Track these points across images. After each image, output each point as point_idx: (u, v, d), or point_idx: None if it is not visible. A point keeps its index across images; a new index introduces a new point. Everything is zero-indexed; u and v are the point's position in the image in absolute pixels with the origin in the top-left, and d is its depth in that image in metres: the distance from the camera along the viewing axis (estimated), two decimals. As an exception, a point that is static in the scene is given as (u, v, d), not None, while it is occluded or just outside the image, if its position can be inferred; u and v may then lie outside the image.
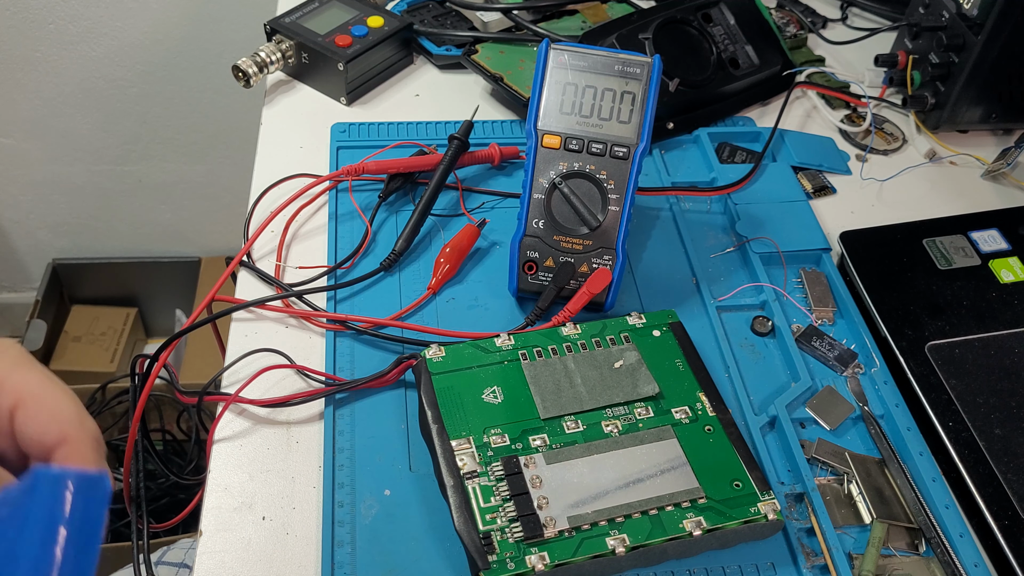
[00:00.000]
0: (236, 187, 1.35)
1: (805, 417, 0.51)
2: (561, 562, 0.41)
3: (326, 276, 0.57)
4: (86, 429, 0.30)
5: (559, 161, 0.53)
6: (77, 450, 0.30)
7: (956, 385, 0.52)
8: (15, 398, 0.30)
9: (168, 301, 1.46)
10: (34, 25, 1.12)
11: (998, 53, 0.67)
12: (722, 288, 0.58)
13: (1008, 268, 0.59)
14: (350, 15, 0.72)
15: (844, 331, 0.56)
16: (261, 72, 0.69)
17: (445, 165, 0.61)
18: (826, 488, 0.48)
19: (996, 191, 0.69)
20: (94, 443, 0.30)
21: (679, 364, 0.50)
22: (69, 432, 0.30)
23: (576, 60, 0.53)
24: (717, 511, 0.43)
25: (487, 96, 0.73)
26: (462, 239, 0.58)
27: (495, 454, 0.45)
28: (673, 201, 0.64)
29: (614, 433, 0.46)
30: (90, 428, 0.31)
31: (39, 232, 1.39)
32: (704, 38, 0.71)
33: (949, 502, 0.47)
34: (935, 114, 0.71)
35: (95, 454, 0.30)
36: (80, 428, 0.30)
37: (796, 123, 0.73)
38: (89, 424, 0.31)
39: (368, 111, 0.71)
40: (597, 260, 0.53)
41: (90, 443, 0.30)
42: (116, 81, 1.20)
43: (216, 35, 1.16)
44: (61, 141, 1.26)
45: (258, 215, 0.61)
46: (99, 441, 0.31)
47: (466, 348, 0.50)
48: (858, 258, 0.59)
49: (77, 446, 0.30)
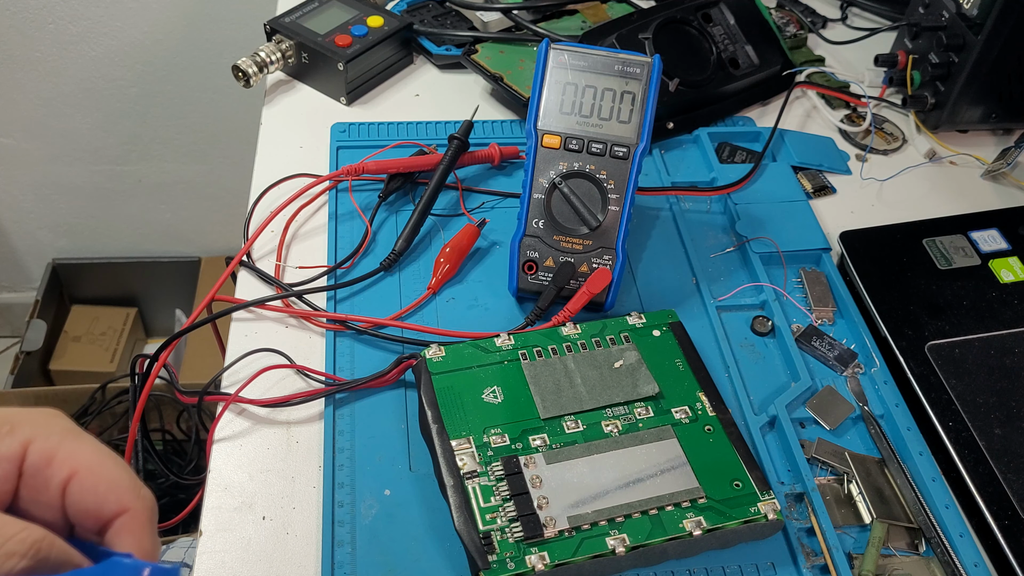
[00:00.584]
0: (236, 187, 1.35)
1: (805, 417, 0.51)
2: (561, 562, 0.41)
3: (326, 276, 0.57)
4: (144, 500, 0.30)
5: (559, 161, 0.53)
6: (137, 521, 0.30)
7: (956, 385, 0.52)
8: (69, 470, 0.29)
9: (168, 301, 1.46)
10: (34, 25, 1.12)
11: (998, 53, 0.67)
12: (722, 288, 0.58)
13: (1008, 268, 0.59)
14: (350, 15, 0.72)
15: (844, 331, 0.56)
16: (261, 72, 0.69)
17: (445, 165, 0.61)
18: (826, 488, 0.48)
19: (996, 191, 0.69)
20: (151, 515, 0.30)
21: (679, 364, 0.50)
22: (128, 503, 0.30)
23: (576, 60, 0.53)
24: (717, 511, 0.43)
25: (487, 96, 0.73)
26: (462, 239, 0.58)
27: (495, 454, 0.45)
28: (673, 201, 0.64)
29: (614, 433, 0.46)
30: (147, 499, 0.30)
31: (39, 232, 1.39)
32: (704, 38, 0.71)
33: (949, 502, 0.47)
34: (935, 114, 0.71)
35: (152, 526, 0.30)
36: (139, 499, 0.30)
37: (796, 123, 0.73)
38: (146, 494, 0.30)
39: (368, 111, 0.71)
40: (597, 260, 0.53)
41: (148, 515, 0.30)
42: (116, 81, 1.20)
43: (216, 35, 1.16)
44: (61, 141, 1.26)
45: (258, 215, 0.61)
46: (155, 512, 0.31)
47: (466, 348, 0.50)
48: (858, 258, 0.59)
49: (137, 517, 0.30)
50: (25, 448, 0.29)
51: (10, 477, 0.29)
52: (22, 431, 0.29)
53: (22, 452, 0.29)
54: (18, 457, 0.29)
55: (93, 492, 0.29)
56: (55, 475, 0.29)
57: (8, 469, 0.29)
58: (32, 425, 0.29)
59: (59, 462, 0.29)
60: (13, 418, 0.29)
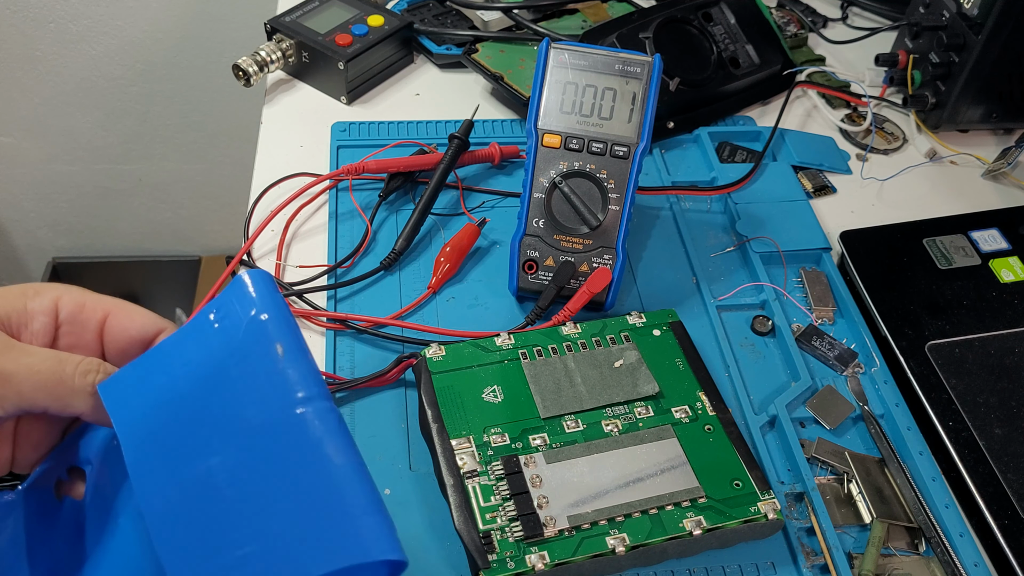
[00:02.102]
0: (236, 186, 1.35)
1: (805, 416, 0.51)
2: (561, 561, 0.41)
3: (326, 275, 0.57)
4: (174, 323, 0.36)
5: (559, 160, 0.53)
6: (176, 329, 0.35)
7: (956, 385, 0.52)
8: (103, 311, 0.34)
9: (168, 300, 1.46)
10: (34, 24, 1.12)
11: (999, 53, 0.67)
12: (722, 287, 0.58)
13: (1008, 268, 0.59)
14: (350, 14, 0.72)
15: (844, 330, 0.56)
16: (261, 71, 0.69)
17: (445, 164, 0.61)
18: (826, 487, 0.48)
19: (996, 191, 0.69)
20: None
21: (679, 363, 0.50)
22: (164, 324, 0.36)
23: (576, 59, 0.53)
24: (717, 510, 0.43)
25: (487, 95, 0.73)
26: (462, 238, 0.58)
27: (495, 453, 0.45)
28: (673, 200, 0.64)
29: (614, 432, 0.46)
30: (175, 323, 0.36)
31: (39, 231, 1.39)
32: (704, 37, 0.71)
33: (949, 501, 0.47)
34: (935, 113, 0.71)
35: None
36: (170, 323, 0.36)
37: (796, 122, 0.73)
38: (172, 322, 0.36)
39: (368, 110, 0.71)
40: (597, 259, 0.53)
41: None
42: (116, 80, 1.20)
43: (216, 34, 1.16)
44: (61, 140, 1.26)
45: (258, 214, 0.61)
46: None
47: (466, 347, 0.50)
48: (858, 257, 0.59)
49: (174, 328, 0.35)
50: (56, 303, 0.33)
51: (48, 328, 0.33)
52: (49, 291, 0.34)
53: (54, 306, 0.33)
54: (51, 310, 0.33)
55: (131, 321, 0.34)
56: (91, 318, 0.34)
57: (45, 321, 0.33)
58: (56, 287, 0.34)
59: (90, 308, 0.34)
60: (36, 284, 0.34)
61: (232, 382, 0.31)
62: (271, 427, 0.31)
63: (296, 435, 0.31)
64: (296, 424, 0.31)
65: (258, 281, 0.33)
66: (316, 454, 0.30)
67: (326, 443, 0.31)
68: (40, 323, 0.33)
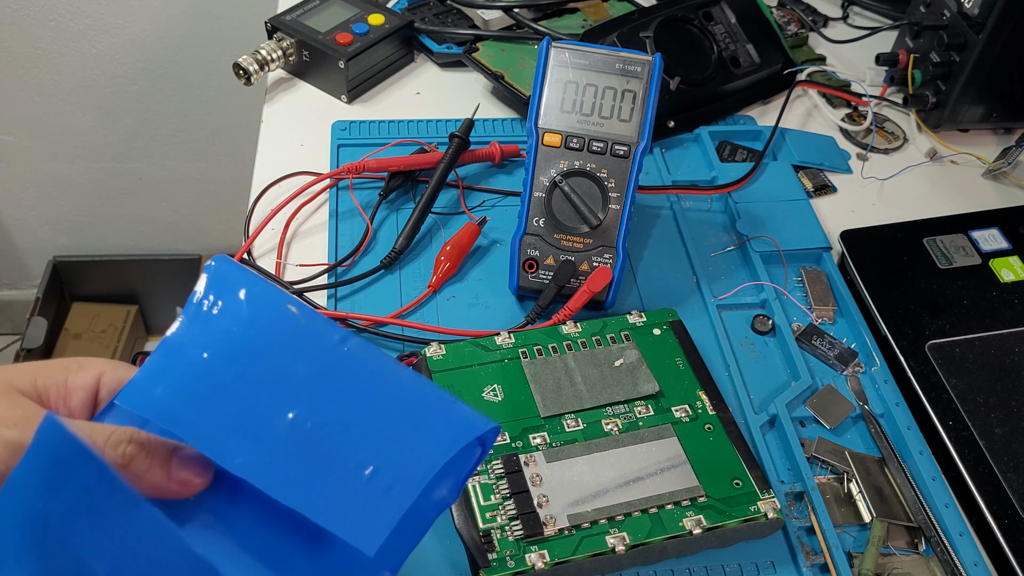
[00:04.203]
0: (237, 185, 1.35)
1: (805, 416, 0.51)
2: (561, 560, 0.41)
3: (327, 274, 0.57)
4: None
5: (560, 159, 0.53)
6: None
7: (956, 384, 0.52)
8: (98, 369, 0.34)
9: (169, 298, 1.46)
10: (35, 22, 1.12)
11: (999, 52, 0.67)
12: (722, 287, 0.58)
13: (1008, 267, 0.59)
14: (351, 13, 0.72)
15: (844, 330, 0.56)
16: (262, 70, 0.69)
17: (446, 163, 0.61)
18: (826, 487, 0.48)
19: (997, 190, 0.69)
20: None
21: (679, 363, 0.50)
22: None
23: (577, 58, 0.53)
24: (717, 509, 0.43)
25: (488, 94, 0.73)
26: (463, 237, 0.58)
27: (495, 452, 0.45)
28: (674, 200, 0.64)
29: (614, 431, 0.46)
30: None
31: (40, 229, 1.39)
32: (705, 36, 0.71)
33: (949, 501, 0.47)
34: (936, 113, 0.71)
35: None
36: None
37: (797, 122, 0.73)
38: None
39: (369, 109, 0.71)
40: (597, 258, 0.53)
41: None
42: (117, 78, 1.20)
43: (217, 33, 1.16)
44: (62, 138, 1.26)
45: (259, 213, 0.61)
46: None
47: (466, 346, 0.50)
48: (858, 257, 0.59)
49: None
50: (98, 380, 0.33)
51: (87, 404, 0.33)
52: (93, 367, 0.33)
53: (95, 383, 0.33)
54: (93, 387, 0.33)
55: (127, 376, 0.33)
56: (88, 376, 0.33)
57: (84, 397, 0.33)
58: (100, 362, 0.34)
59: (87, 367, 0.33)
60: (81, 359, 0.34)
61: (261, 350, 0.33)
62: (327, 371, 0.32)
63: (355, 367, 0.33)
64: (349, 359, 0.33)
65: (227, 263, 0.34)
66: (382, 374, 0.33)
67: (382, 363, 0.33)
68: (79, 399, 0.33)
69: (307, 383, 0.32)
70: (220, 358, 0.32)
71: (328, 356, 0.33)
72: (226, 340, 0.33)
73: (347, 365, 0.33)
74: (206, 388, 0.32)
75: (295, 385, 0.32)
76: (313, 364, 0.32)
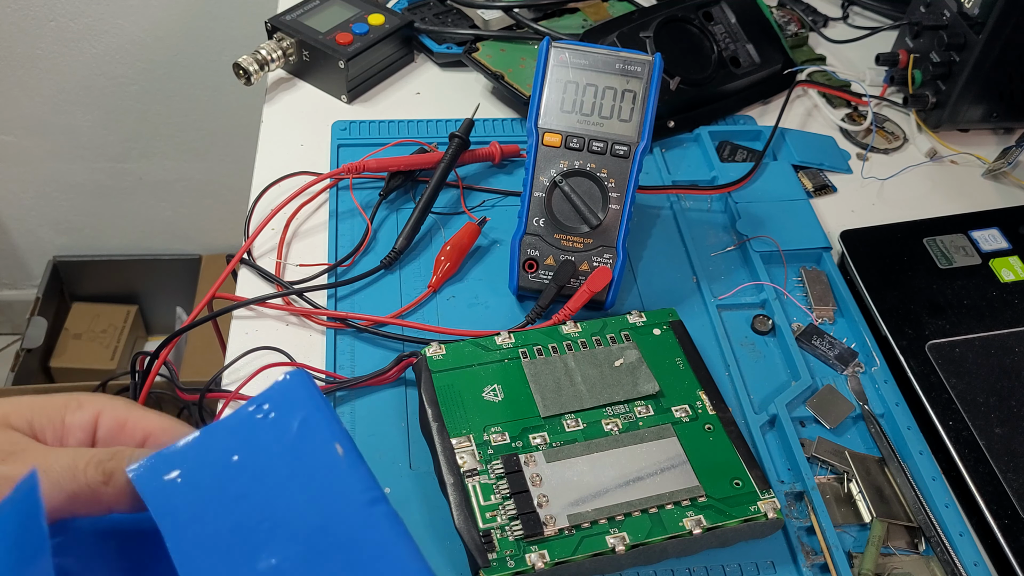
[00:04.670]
0: (237, 185, 1.35)
1: (805, 416, 0.51)
2: (561, 560, 0.41)
3: (327, 274, 0.57)
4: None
5: (560, 159, 0.53)
6: None
7: (956, 384, 0.52)
8: (143, 433, 0.33)
9: (169, 298, 1.46)
10: (35, 22, 1.12)
11: (999, 52, 0.67)
12: (722, 287, 0.58)
13: (1008, 267, 0.59)
14: (351, 13, 0.72)
15: (844, 330, 0.56)
16: (262, 70, 0.69)
17: (446, 163, 0.61)
18: (826, 487, 0.48)
19: (997, 190, 0.69)
20: None
21: (679, 362, 0.50)
22: None
23: (577, 58, 0.53)
24: (717, 509, 0.43)
25: (488, 94, 0.73)
26: (463, 237, 0.58)
27: (495, 452, 0.45)
28: (674, 200, 0.64)
29: (614, 431, 0.46)
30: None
31: (40, 229, 1.39)
32: (705, 36, 0.71)
33: (949, 501, 0.47)
34: (936, 113, 0.71)
35: None
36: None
37: (797, 122, 0.73)
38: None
39: (369, 109, 0.71)
40: (597, 258, 0.53)
41: None
42: (117, 78, 1.20)
43: (217, 33, 1.16)
44: (62, 139, 1.26)
45: (259, 213, 0.61)
46: None
47: (466, 346, 0.50)
48: (858, 257, 0.59)
49: None
50: (96, 419, 0.32)
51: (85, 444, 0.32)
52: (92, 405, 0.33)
53: (93, 422, 0.32)
54: (91, 426, 0.32)
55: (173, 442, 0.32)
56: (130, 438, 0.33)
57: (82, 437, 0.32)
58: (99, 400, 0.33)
59: (131, 427, 0.33)
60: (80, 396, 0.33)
61: (287, 479, 0.31)
62: (335, 530, 0.31)
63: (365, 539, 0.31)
64: (366, 527, 0.31)
65: (303, 381, 0.33)
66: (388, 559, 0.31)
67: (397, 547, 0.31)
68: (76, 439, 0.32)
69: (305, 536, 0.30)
70: (243, 471, 0.31)
71: (344, 515, 0.31)
72: (259, 455, 0.31)
73: (356, 533, 0.31)
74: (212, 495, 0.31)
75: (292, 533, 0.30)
76: (323, 518, 0.31)
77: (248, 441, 0.31)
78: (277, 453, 0.31)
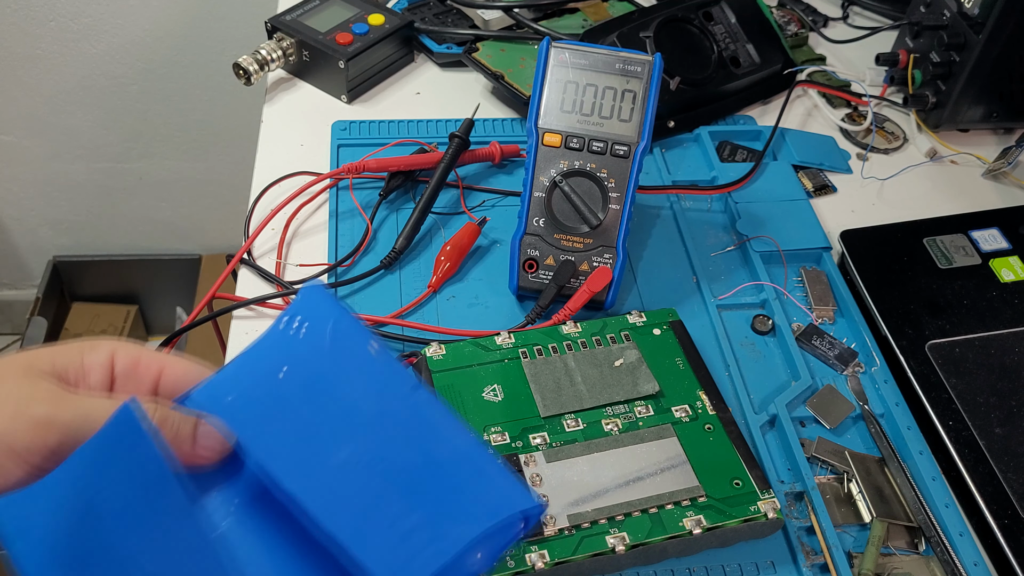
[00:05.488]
0: (237, 185, 1.35)
1: (805, 416, 0.51)
2: (561, 560, 0.41)
3: (327, 274, 0.57)
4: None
5: (560, 159, 0.53)
6: None
7: (956, 384, 0.52)
8: (158, 367, 0.35)
9: (169, 299, 1.46)
10: (35, 22, 1.12)
11: (999, 52, 0.67)
12: (722, 287, 0.58)
13: (1008, 267, 0.59)
14: (351, 13, 0.72)
15: (844, 330, 0.56)
16: (262, 70, 0.69)
17: (446, 163, 0.61)
18: (826, 487, 0.48)
19: (997, 190, 0.69)
20: None
21: (679, 363, 0.50)
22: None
23: (577, 58, 0.53)
24: (717, 509, 0.43)
25: (488, 94, 0.73)
26: (463, 237, 0.58)
27: (495, 452, 0.45)
28: (674, 200, 0.64)
29: (614, 431, 0.46)
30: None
31: (40, 229, 1.39)
32: (705, 36, 0.71)
33: (949, 501, 0.47)
34: (936, 113, 0.71)
35: None
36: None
37: (797, 122, 0.73)
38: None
39: (369, 109, 0.71)
40: (597, 258, 0.53)
41: None
42: (117, 78, 1.20)
43: (217, 32, 1.16)
44: (62, 138, 1.26)
45: (259, 213, 0.61)
46: None
47: (466, 346, 0.50)
48: (858, 257, 0.59)
49: None
50: (111, 358, 0.34)
51: (105, 381, 0.34)
52: (105, 346, 0.35)
53: (109, 360, 0.34)
54: (107, 364, 0.34)
55: (186, 376, 0.35)
56: (146, 372, 0.35)
57: (102, 375, 0.34)
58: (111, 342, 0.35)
59: (145, 364, 0.35)
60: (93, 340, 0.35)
61: (337, 381, 0.34)
62: (391, 416, 0.33)
63: (419, 419, 0.34)
64: (415, 409, 0.34)
65: (321, 293, 0.36)
66: (442, 431, 0.34)
67: (445, 421, 0.34)
68: (97, 377, 0.34)
69: (370, 424, 0.33)
70: (294, 380, 0.34)
71: (396, 402, 0.34)
72: (303, 364, 0.34)
73: (411, 415, 0.34)
74: (275, 406, 0.33)
75: (358, 423, 0.33)
76: (379, 407, 0.34)
77: (290, 354, 0.34)
78: (319, 359, 0.34)
